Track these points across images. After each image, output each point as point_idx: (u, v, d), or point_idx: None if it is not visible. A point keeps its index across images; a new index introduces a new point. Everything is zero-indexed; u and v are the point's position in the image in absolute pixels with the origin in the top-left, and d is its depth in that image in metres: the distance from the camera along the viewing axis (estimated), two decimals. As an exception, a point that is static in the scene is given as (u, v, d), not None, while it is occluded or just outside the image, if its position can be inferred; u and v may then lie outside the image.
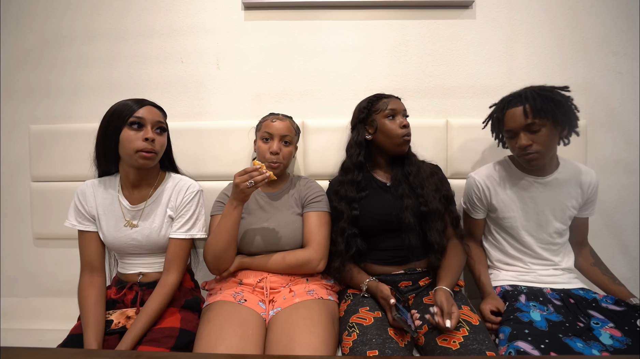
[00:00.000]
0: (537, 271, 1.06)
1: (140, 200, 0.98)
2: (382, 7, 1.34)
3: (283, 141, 1.06)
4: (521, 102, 0.96)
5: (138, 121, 0.89)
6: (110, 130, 0.89)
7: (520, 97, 0.97)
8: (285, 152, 1.06)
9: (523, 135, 0.95)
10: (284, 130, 1.05)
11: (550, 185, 1.04)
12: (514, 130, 0.97)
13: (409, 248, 1.01)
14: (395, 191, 1.06)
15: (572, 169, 1.06)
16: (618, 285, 1.02)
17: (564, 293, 0.99)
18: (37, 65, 1.36)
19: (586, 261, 1.11)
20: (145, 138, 0.89)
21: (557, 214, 1.05)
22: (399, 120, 1.06)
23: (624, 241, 1.38)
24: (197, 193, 1.01)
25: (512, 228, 1.08)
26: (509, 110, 0.98)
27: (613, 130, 1.36)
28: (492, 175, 1.09)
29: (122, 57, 1.35)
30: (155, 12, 1.35)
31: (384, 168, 1.13)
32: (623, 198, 1.37)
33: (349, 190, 1.06)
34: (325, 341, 0.82)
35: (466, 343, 0.80)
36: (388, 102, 1.08)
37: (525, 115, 0.94)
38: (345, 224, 1.03)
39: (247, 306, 0.93)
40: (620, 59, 1.35)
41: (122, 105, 0.91)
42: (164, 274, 0.95)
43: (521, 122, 0.95)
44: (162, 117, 0.95)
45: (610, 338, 0.84)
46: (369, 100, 1.11)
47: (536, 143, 0.95)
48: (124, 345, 0.81)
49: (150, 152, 0.90)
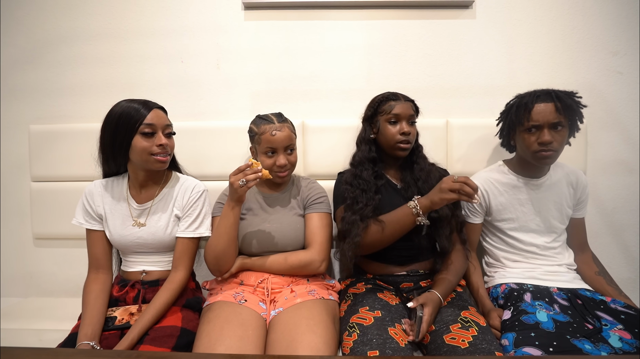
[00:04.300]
0: (543, 268, 1.05)
1: (147, 199, 1.00)
2: (382, 7, 1.34)
3: (288, 150, 1.03)
4: (552, 99, 0.97)
5: (150, 129, 0.91)
6: (121, 136, 0.91)
7: (550, 94, 0.98)
8: (292, 159, 1.04)
9: (547, 131, 0.96)
10: (287, 141, 1.01)
11: (544, 187, 1.08)
12: (540, 124, 0.97)
13: (419, 248, 1.01)
14: (405, 194, 1.05)
15: (562, 170, 1.10)
16: (624, 297, 1.01)
17: (571, 293, 0.98)
18: (37, 65, 1.36)
19: (590, 270, 1.09)
20: (159, 144, 0.92)
21: (554, 214, 1.07)
22: (400, 126, 1.04)
23: (624, 241, 1.38)
24: (203, 193, 1.03)
25: (513, 230, 1.08)
26: (538, 104, 0.98)
27: (613, 130, 1.36)
28: (489, 179, 1.11)
29: (122, 57, 1.35)
30: (155, 12, 1.35)
31: (395, 168, 1.12)
32: (623, 198, 1.37)
33: (366, 183, 1.04)
34: (328, 341, 0.82)
35: (475, 342, 0.80)
36: (394, 105, 1.04)
37: (558, 111, 0.96)
38: (365, 209, 1.00)
39: (247, 306, 0.93)
40: (620, 59, 1.35)
41: (130, 109, 0.91)
42: (172, 271, 0.98)
43: (550, 118, 0.96)
44: (168, 119, 0.97)
45: (619, 341, 0.82)
46: (378, 99, 1.08)
47: (556, 141, 0.97)
48: (129, 338, 0.83)
49: (166, 156, 0.94)
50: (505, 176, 1.10)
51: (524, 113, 1.00)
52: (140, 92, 0.98)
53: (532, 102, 0.99)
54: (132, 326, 0.86)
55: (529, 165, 1.07)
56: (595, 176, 1.36)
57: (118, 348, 0.82)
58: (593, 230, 1.34)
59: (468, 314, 0.89)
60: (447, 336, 0.83)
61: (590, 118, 1.34)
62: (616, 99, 1.36)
